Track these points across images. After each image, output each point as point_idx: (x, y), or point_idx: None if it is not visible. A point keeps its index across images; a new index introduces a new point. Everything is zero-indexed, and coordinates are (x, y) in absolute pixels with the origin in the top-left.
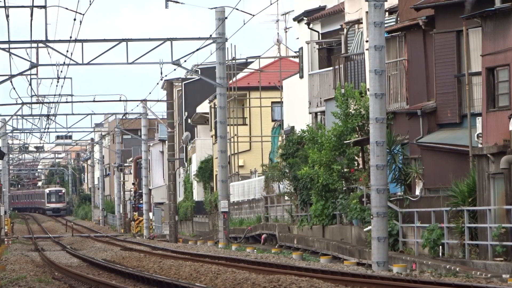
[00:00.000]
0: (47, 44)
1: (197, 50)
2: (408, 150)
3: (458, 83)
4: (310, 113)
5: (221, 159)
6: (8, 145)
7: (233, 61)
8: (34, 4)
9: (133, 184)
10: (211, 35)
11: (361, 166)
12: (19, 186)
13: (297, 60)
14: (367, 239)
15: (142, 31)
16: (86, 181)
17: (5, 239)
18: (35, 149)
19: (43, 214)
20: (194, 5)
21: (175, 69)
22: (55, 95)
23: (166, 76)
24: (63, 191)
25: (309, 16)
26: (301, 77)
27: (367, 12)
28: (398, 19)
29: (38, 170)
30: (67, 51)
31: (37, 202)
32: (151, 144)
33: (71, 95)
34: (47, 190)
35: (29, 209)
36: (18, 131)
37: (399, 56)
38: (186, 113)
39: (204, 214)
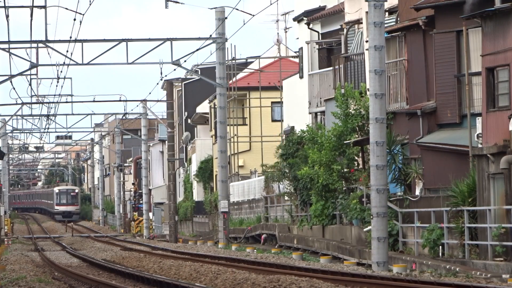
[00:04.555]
0: (47, 44)
1: (197, 50)
2: (408, 150)
3: (458, 83)
4: (310, 113)
5: (221, 159)
6: (8, 145)
7: (233, 61)
8: (34, 4)
9: (133, 184)
10: (211, 35)
11: (361, 166)
12: (19, 186)
13: (297, 60)
14: (367, 239)
15: (142, 31)
16: (86, 181)
17: (5, 239)
18: (35, 149)
19: (51, 219)
20: (194, 5)
21: (175, 69)
22: (55, 95)
23: (166, 76)
24: (77, 190)
25: (309, 16)
26: (301, 77)
27: (367, 12)
28: (398, 19)
29: (38, 170)
30: (67, 51)
31: (43, 203)
32: (151, 144)
33: (71, 95)
34: (56, 189)
35: (34, 212)
36: (18, 131)
37: (399, 56)
38: (186, 113)
39: (204, 214)
